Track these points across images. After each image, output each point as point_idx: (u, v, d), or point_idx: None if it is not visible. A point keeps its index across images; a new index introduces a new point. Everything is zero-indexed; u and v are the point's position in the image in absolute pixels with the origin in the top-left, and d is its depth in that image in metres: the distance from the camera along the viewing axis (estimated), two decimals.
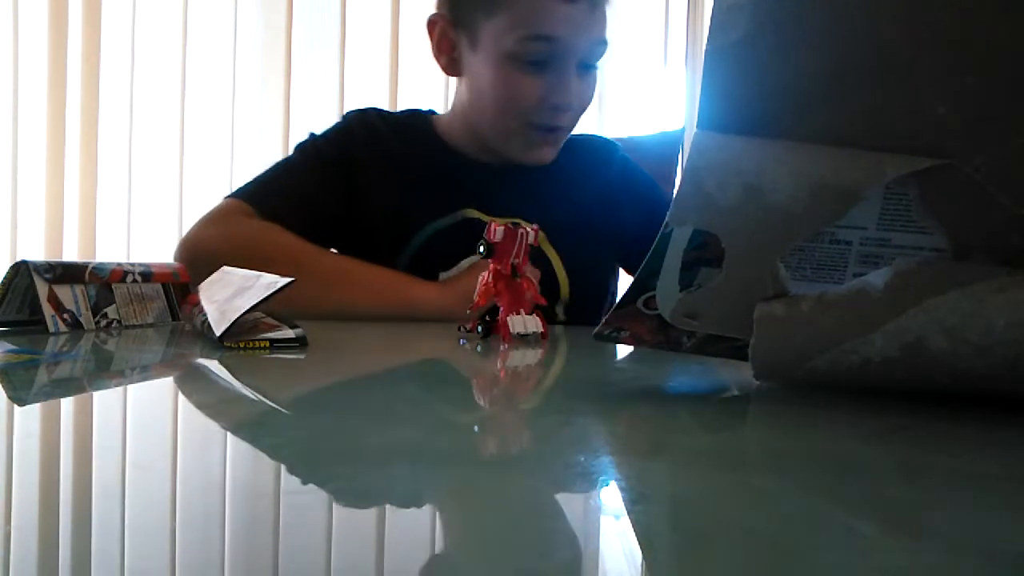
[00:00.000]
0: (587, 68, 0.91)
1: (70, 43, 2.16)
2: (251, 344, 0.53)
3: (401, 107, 2.02)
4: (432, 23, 0.95)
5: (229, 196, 0.95)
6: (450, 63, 0.95)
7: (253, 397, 0.40)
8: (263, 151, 2.11)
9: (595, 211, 1.00)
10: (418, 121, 1.03)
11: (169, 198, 2.17)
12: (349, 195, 0.95)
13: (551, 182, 0.99)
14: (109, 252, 2.16)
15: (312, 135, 1.00)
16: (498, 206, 0.93)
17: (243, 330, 0.55)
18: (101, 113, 2.18)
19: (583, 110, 0.95)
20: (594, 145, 1.10)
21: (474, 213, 0.94)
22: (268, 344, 0.54)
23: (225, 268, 0.68)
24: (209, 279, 0.68)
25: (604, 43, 0.91)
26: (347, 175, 0.95)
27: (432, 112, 1.06)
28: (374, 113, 1.02)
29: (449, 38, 0.94)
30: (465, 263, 0.89)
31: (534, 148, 0.94)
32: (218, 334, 0.54)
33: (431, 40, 0.95)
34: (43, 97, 2.16)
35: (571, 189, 1.00)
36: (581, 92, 0.92)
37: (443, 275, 0.90)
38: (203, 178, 2.16)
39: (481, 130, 0.96)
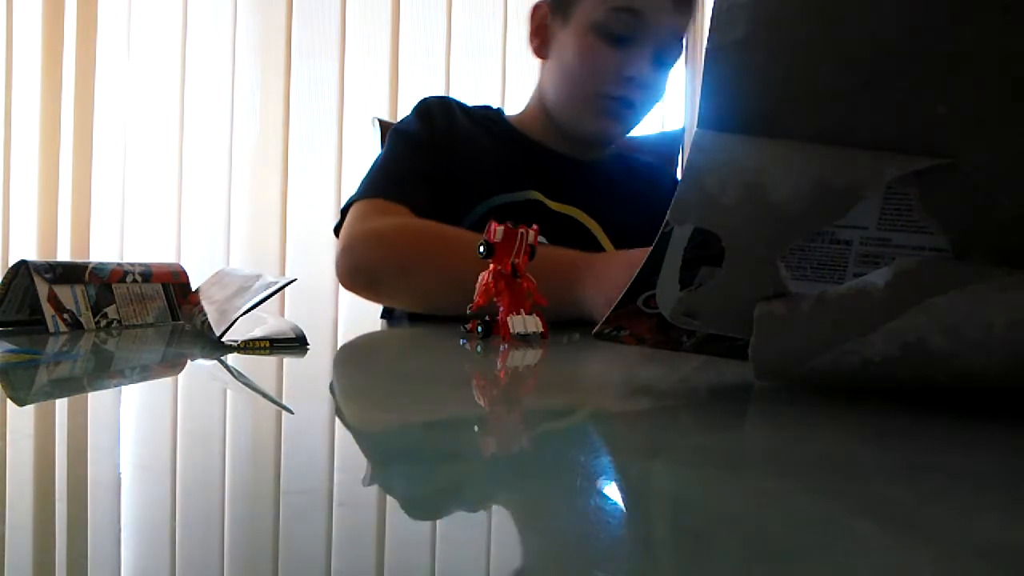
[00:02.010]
0: (661, 63, 0.97)
1: (65, 41, 2.16)
2: (251, 344, 0.53)
3: (401, 109, 2.03)
4: (536, 7, 1.04)
5: (351, 202, 0.94)
6: (541, 46, 1.03)
7: (253, 397, 0.40)
8: (261, 152, 2.11)
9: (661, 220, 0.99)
10: (490, 112, 1.10)
11: (165, 199, 2.16)
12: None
13: (618, 183, 1.04)
14: (103, 253, 2.15)
15: (395, 125, 1.05)
16: (561, 195, 0.98)
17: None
18: (97, 113, 2.18)
19: (654, 101, 1.00)
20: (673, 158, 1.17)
21: (539, 196, 0.98)
22: (268, 344, 0.54)
23: (224, 268, 0.68)
24: (209, 279, 0.68)
25: (680, 42, 0.97)
26: (436, 149, 0.99)
27: (501, 110, 1.11)
28: (450, 100, 1.07)
29: (546, 22, 1.02)
30: None
31: (603, 118, 0.98)
32: (218, 334, 0.54)
33: (531, 24, 1.04)
34: (36, 96, 2.16)
35: (641, 193, 1.03)
36: (654, 80, 0.97)
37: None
38: (200, 179, 2.16)
39: (557, 104, 1.01)
